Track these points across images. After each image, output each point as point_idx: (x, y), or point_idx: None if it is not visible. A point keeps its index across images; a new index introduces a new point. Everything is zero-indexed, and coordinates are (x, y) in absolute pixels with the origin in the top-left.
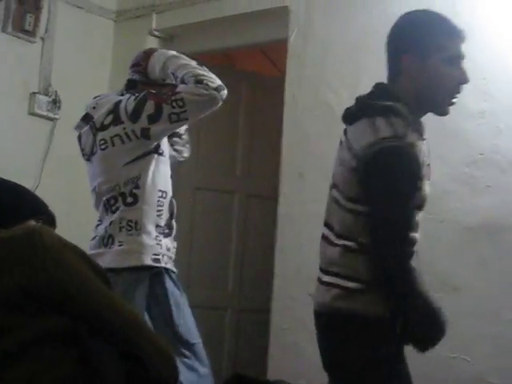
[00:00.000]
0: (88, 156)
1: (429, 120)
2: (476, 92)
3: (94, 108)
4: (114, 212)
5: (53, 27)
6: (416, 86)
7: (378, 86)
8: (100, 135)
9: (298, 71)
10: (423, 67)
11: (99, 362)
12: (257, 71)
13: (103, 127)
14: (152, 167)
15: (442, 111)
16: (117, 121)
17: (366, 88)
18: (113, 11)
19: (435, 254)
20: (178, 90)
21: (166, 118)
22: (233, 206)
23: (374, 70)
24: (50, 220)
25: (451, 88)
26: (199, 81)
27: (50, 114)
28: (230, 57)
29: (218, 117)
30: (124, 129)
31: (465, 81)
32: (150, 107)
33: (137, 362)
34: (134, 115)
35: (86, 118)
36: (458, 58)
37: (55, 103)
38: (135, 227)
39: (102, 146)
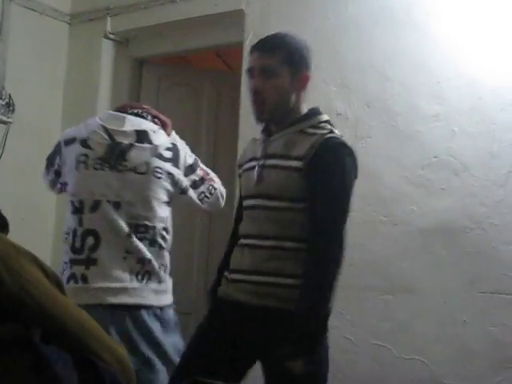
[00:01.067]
0: (125, 167)
1: (383, 123)
2: (430, 96)
3: (154, 132)
4: (140, 239)
5: (6, 30)
6: None
7: None
8: (156, 162)
9: None
10: None
11: (54, 370)
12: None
13: (160, 157)
14: (171, 215)
15: (255, 117)
16: (175, 163)
17: (320, 92)
18: (67, 14)
19: (390, 257)
20: (216, 181)
21: (198, 192)
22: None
23: (329, 74)
24: (3, 224)
25: (251, 96)
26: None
27: (4, 118)
28: (185, 59)
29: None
30: (178, 174)
31: (253, 86)
32: (197, 175)
33: (93, 370)
34: (188, 171)
35: (143, 136)
36: (248, 70)
37: (9, 106)
38: (166, 270)
39: (158, 175)
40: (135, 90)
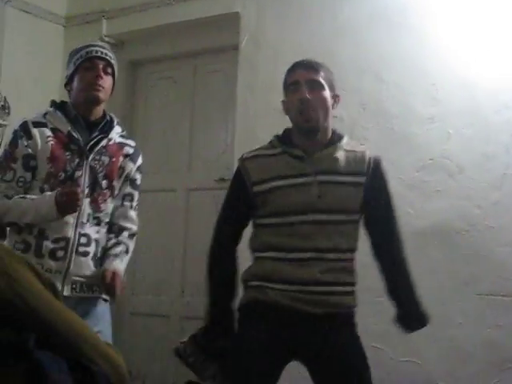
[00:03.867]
0: None
1: (378, 125)
2: (425, 97)
3: None
4: None
5: (1, 32)
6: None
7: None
8: None
9: (250, 77)
10: (286, 102)
11: (49, 376)
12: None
13: None
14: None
15: (301, 128)
16: None
17: None
18: (62, 16)
19: None
20: None
21: None
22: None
23: None
24: (0, 231)
25: (296, 109)
26: None
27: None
28: None
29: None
30: None
31: (301, 96)
32: None
33: (86, 373)
34: None
35: None
36: (293, 84)
37: (4, 109)
38: None
39: None
40: (130, 93)
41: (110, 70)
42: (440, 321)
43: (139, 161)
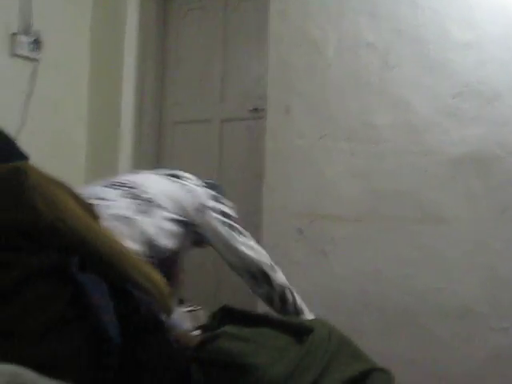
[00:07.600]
0: None
1: (413, 51)
2: (462, 22)
3: None
4: None
5: None
6: None
7: None
8: None
9: (282, 5)
10: None
11: (90, 299)
12: None
13: None
14: None
15: None
16: None
17: (350, 23)
18: None
19: (421, 187)
20: None
21: None
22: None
23: (359, 3)
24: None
25: None
26: None
27: (32, 55)
28: None
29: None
30: None
31: None
32: None
33: (128, 299)
34: None
35: None
36: None
37: (37, 44)
38: None
39: None
40: (162, 25)
41: None
42: (477, 248)
43: None
